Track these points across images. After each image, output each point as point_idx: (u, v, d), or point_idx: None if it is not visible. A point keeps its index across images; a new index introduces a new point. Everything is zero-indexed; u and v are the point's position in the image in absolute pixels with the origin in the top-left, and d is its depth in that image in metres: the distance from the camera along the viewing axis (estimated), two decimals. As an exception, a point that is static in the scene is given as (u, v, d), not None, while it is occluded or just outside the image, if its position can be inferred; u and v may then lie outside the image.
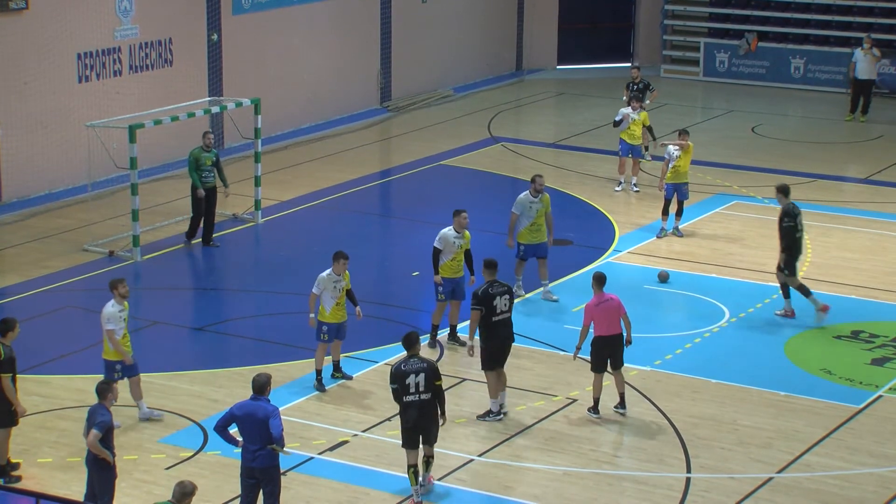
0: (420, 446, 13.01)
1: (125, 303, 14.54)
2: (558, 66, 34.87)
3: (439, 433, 13.19)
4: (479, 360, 15.22)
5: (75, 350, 16.87)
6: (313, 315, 15.48)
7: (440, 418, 13.04)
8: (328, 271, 15.53)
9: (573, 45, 35.03)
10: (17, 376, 13.56)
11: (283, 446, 11.96)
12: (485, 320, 14.69)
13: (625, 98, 25.97)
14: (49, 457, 13.99)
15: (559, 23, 34.81)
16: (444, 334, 16.99)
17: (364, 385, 15.81)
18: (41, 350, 16.52)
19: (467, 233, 16.84)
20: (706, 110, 31.10)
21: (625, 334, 14.87)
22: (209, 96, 25.17)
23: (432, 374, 12.79)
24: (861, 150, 27.31)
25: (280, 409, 12.26)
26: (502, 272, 15.42)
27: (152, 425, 14.69)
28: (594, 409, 14.98)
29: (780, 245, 17.79)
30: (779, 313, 17.89)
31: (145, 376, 15.83)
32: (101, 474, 12.03)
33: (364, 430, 14.65)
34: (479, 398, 15.41)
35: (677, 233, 21.00)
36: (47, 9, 22.91)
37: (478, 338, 14.91)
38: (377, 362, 16.44)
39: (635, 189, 23.54)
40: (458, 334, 16.84)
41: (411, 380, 12.73)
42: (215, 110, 22.41)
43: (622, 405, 15.05)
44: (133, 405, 14.95)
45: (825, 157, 26.53)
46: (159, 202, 22.76)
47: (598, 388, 14.96)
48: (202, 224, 20.55)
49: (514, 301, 15.42)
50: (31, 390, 15.12)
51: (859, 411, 15.27)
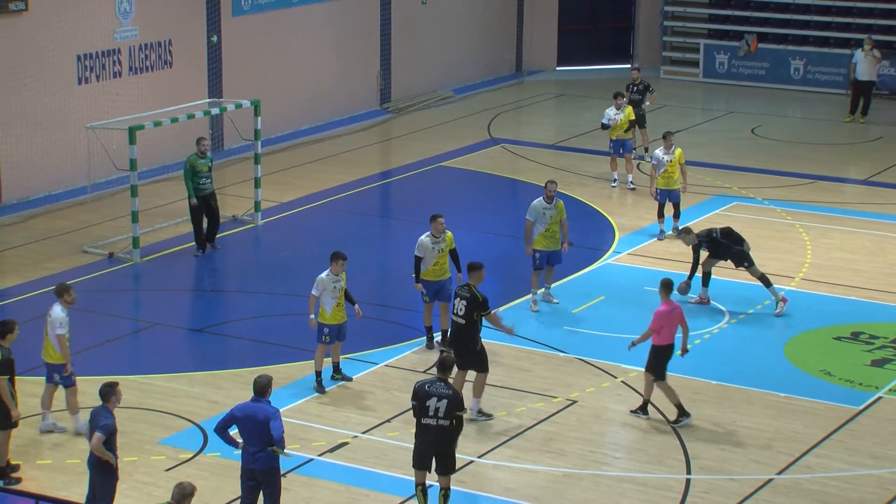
0: (431, 471, 12.63)
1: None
2: (558, 68, 34.89)
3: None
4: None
5: (75, 352, 16.82)
6: (313, 316, 15.50)
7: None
8: (326, 272, 15.56)
9: (573, 47, 35.05)
10: (17, 378, 13.56)
11: (283, 448, 11.96)
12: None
13: (624, 100, 25.92)
14: (49, 458, 14.00)
15: (559, 24, 34.83)
16: (424, 343, 16.94)
17: (363, 387, 15.82)
18: (38, 353, 16.49)
19: (449, 234, 16.63)
20: (706, 111, 31.11)
21: (680, 343, 14.86)
22: (209, 98, 25.19)
23: (455, 403, 12.34)
24: (861, 152, 27.32)
25: (280, 410, 12.26)
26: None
27: (152, 427, 14.69)
28: (682, 414, 14.84)
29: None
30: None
31: (145, 377, 15.85)
32: (103, 477, 12.03)
33: (364, 432, 14.66)
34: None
35: (677, 234, 20.92)
36: (47, 10, 22.92)
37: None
38: (377, 364, 16.44)
39: (632, 186, 23.49)
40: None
41: (432, 403, 12.33)
42: (215, 112, 22.42)
43: (644, 411, 15.00)
44: (128, 407, 14.95)
45: (825, 158, 26.54)
46: (159, 204, 22.76)
47: (672, 393, 14.87)
48: (206, 226, 20.47)
49: (489, 310, 14.87)
50: (30, 392, 15.12)
51: (859, 412, 15.28)
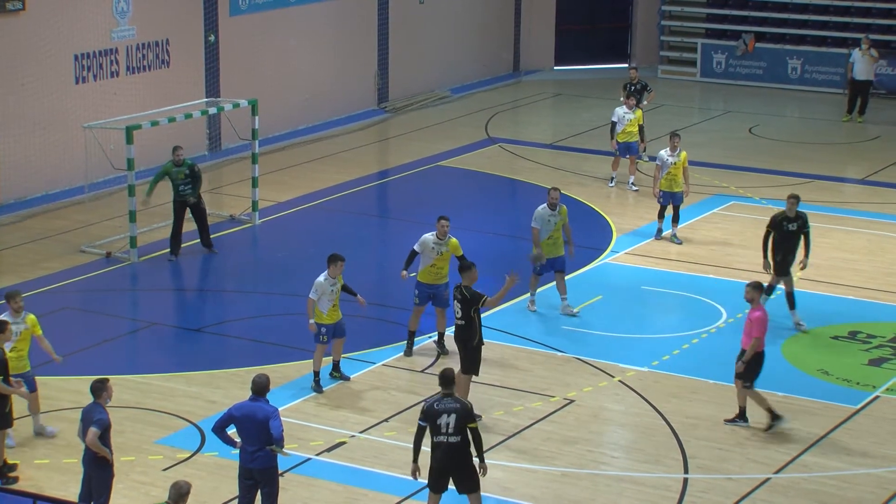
0: (444, 491, 12.24)
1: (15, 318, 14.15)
2: (556, 67, 34.89)
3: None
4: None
5: (72, 351, 16.85)
6: (312, 321, 15.46)
7: (479, 468, 12.17)
8: (324, 275, 15.54)
9: (570, 46, 35.05)
10: (12, 379, 13.56)
11: (282, 447, 11.96)
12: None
13: (622, 99, 25.93)
14: (46, 458, 13.99)
15: (556, 23, 34.82)
16: (425, 341, 16.92)
17: (361, 386, 15.82)
18: (38, 351, 16.48)
19: (453, 240, 16.43)
20: (703, 111, 31.12)
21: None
22: (206, 97, 25.18)
23: (464, 415, 12.01)
24: (859, 151, 27.33)
25: (278, 409, 12.25)
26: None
27: (149, 427, 14.69)
28: (774, 418, 14.69)
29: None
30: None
31: (143, 377, 15.84)
32: (100, 473, 12.04)
33: (362, 431, 14.66)
34: (477, 398, 15.40)
35: (675, 240, 20.78)
36: (44, 10, 22.90)
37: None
38: (374, 363, 16.44)
39: (634, 188, 23.50)
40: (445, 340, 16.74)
41: (442, 420, 11.99)
42: (212, 111, 22.40)
43: (743, 418, 14.82)
44: (125, 406, 14.96)
45: (823, 157, 26.55)
46: (156, 203, 22.70)
47: (763, 399, 14.77)
48: (194, 233, 20.44)
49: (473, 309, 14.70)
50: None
51: (857, 412, 15.29)
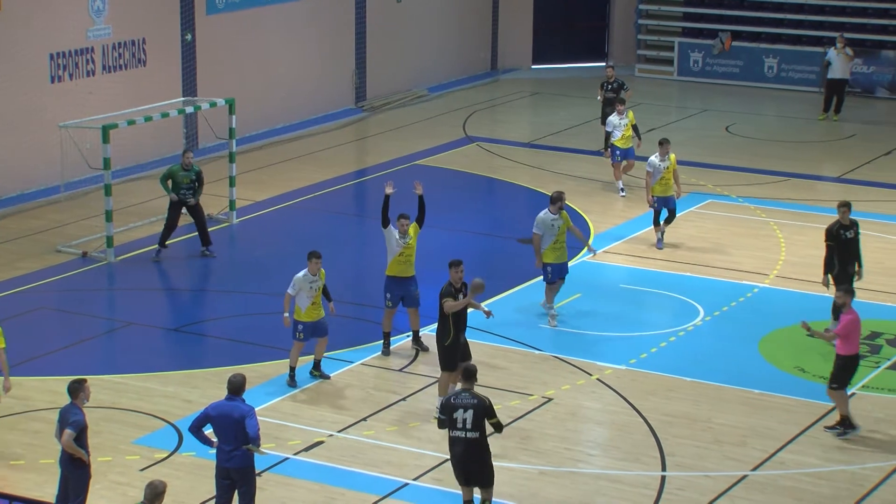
0: (471, 485, 12.34)
1: None
2: (533, 66, 34.91)
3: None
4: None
5: (48, 352, 16.79)
6: (287, 314, 15.47)
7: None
8: (304, 272, 15.54)
9: (548, 45, 35.07)
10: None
11: (258, 446, 11.92)
12: (443, 318, 14.58)
13: (599, 98, 25.97)
14: (22, 459, 13.91)
15: (534, 22, 34.84)
16: (403, 340, 16.91)
17: (339, 385, 15.79)
18: (13, 351, 16.34)
19: (413, 226, 16.58)
20: (680, 109, 31.19)
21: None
22: (183, 96, 25.09)
23: (482, 411, 12.02)
24: (834, 149, 27.45)
25: (255, 409, 12.21)
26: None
27: (126, 427, 14.62)
28: (848, 427, 14.54)
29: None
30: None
31: (120, 377, 15.77)
32: (76, 473, 11.98)
33: (340, 431, 14.63)
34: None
35: (658, 244, 20.54)
36: (19, 8, 22.78)
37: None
38: (352, 362, 16.41)
39: (622, 194, 23.17)
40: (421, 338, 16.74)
41: (459, 414, 12.02)
42: (189, 110, 22.33)
43: (851, 426, 14.62)
44: (102, 406, 14.89)
45: (799, 156, 26.65)
46: (133, 203, 22.66)
47: (845, 403, 14.60)
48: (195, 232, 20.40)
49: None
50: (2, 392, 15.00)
51: (833, 409, 15.33)
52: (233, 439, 11.88)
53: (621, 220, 22.19)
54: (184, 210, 20.09)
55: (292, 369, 15.69)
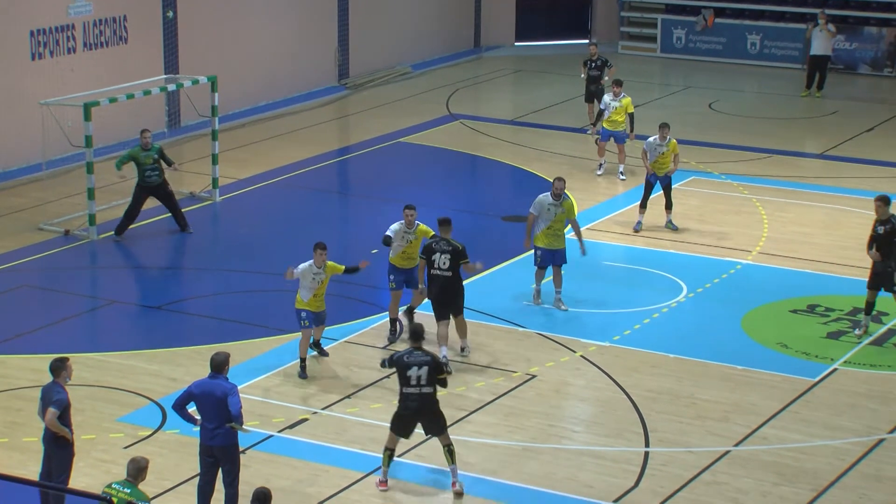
0: (408, 437, 12.90)
1: None
2: (516, 43, 34.83)
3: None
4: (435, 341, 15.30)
5: (31, 330, 16.73)
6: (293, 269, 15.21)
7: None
8: (309, 263, 15.10)
9: (531, 22, 34.98)
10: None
11: (241, 424, 11.92)
12: (427, 272, 15.68)
13: (582, 76, 25.87)
14: (5, 437, 13.88)
15: (517, -1, 34.79)
16: (385, 319, 16.88)
17: (324, 363, 15.78)
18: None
19: (422, 226, 16.34)
20: (663, 86, 31.19)
21: None
22: (165, 74, 24.96)
23: (435, 368, 12.68)
24: (817, 126, 27.49)
25: (239, 387, 12.21)
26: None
27: (110, 405, 14.60)
28: None
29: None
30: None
31: (103, 355, 15.74)
32: (60, 452, 11.95)
33: (324, 408, 14.63)
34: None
35: (671, 226, 20.34)
36: (-1, -15, 22.62)
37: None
38: (336, 340, 16.40)
39: (622, 177, 22.90)
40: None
41: (413, 372, 12.60)
42: (171, 88, 22.22)
43: None
44: (85, 385, 14.87)
45: (781, 132, 26.68)
46: (115, 181, 22.53)
47: None
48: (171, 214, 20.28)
49: (463, 263, 15.67)
50: (-14, 371, 14.99)
51: (815, 384, 15.41)
52: (216, 417, 11.87)
53: (604, 197, 22.20)
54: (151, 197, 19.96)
55: (302, 360, 15.35)
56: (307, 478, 13.18)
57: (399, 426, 12.84)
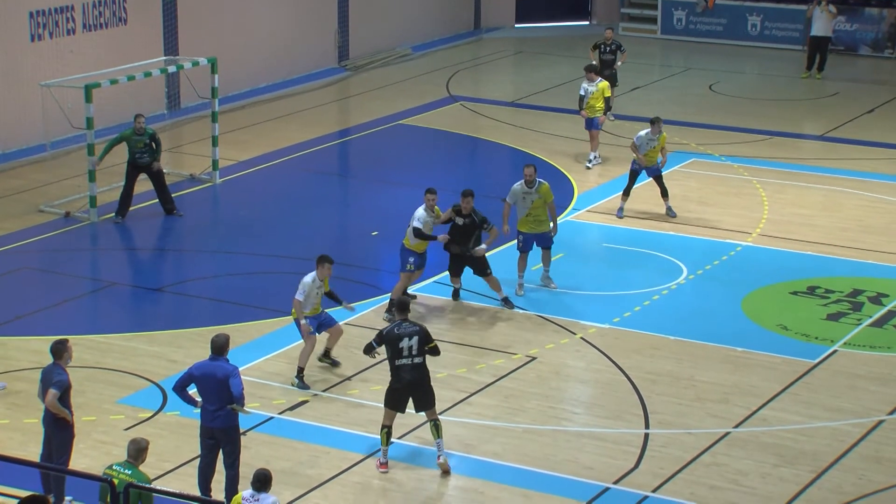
0: (404, 412, 12.92)
1: None
2: (517, 25, 34.72)
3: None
4: (438, 321, 15.23)
5: (31, 312, 16.73)
6: (305, 321, 14.53)
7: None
8: (313, 276, 14.58)
9: (531, 4, 34.86)
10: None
11: (243, 406, 11.92)
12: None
13: (594, 61, 25.44)
14: (6, 418, 13.89)
15: (517, -20, 34.67)
16: (385, 301, 16.90)
17: (322, 345, 15.73)
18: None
19: (437, 209, 16.47)
20: (664, 68, 31.12)
21: None
22: (165, 55, 24.89)
23: (425, 337, 12.82)
24: (817, 108, 27.44)
25: (240, 368, 12.21)
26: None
27: (110, 387, 14.61)
28: None
29: None
30: None
31: (103, 337, 15.74)
32: (60, 434, 11.96)
33: (324, 390, 14.64)
34: (439, 358, 15.41)
35: (671, 212, 20.12)
36: (-2, -34, 22.54)
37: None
38: (337, 322, 16.36)
39: (592, 163, 22.56)
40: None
41: (405, 343, 12.71)
42: (171, 70, 22.16)
43: None
44: (86, 366, 14.88)
45: (782, 114, 26.63)
46: (116, 162, 22.45)
47: None
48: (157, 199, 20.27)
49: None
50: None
51: (814, 366, 15.41)
52: (217, 399, 11.87)
53: (605, 178, 22.17)
54: (142, 177, 19.95)
55: (300, 370, 14.63)
56: (308, 459, 13.19)
57: (393, 400, 12.86)
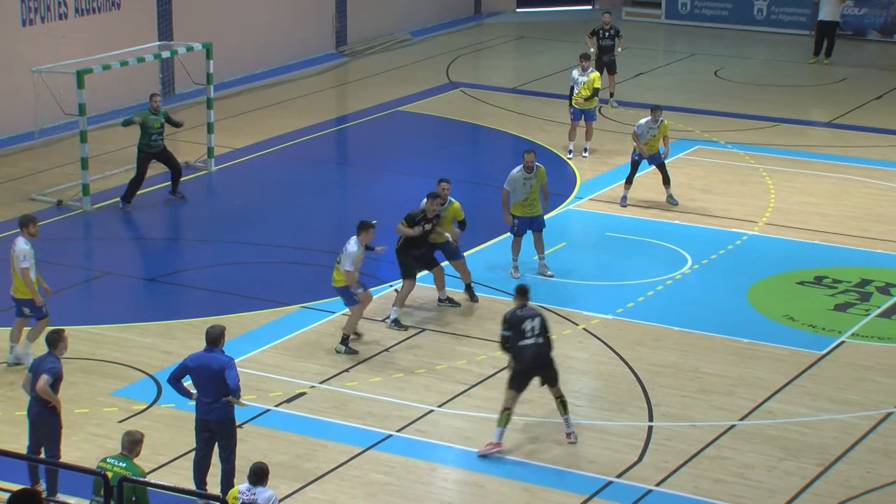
0: (524, 392, 13.37)
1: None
2: (518, 10, 34.68)
3: None
4: (436, 311, 15.28)
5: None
6: (361, 289, 15.12)
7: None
8: (355, 242, 15.07)
9: (533, -12, 34.84)
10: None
11: (239, 398, 11.93)
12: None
13: (593, 50, 25.39)
14: (-2, 412, 13.91)
15: (518, -36, 34.63)
16: (386, 290, 16.91)
17: (322, 336, 15.78)
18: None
19: (454, 203, 16.53)
20: (668, 53, 31.08)
21: None
22: (159, 40, 24.86)
23: (545, 320, 13.42)
24: (825, 94, 27.42)
25: (235, 360, 12.21)
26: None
27: (104, 378, 14.62)
28: None
29: None
30: None
31: (96, 328, 15.75)
32: (48, 421, 11.95)
33: (322, 382, 14.65)
34: (440, 347, 15.45)
35: (672, 200, 20.12)
36: (-11, -50, 22.50)
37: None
38: (334, 313, 16.39)
39: (585, 154, 22.42)
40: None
41: (527, 324, 13.29)
42: (165, 55, 22.14)
43: None
44: (79, 358, 14.88)
45: (789, 100, 26.61)
46: (109, 150, 22.53)
47: None
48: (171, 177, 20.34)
49: None
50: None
51: (821, 357, 15.42)
52: (212, 391, 11.88)
53: (607, 167, 22.16)
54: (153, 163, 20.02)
55: (346, 337, 15.22)
56: (305, 453, 13.20)
57: (518, 382, 13.28)
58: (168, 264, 18.44)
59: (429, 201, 16.15)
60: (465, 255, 16.85)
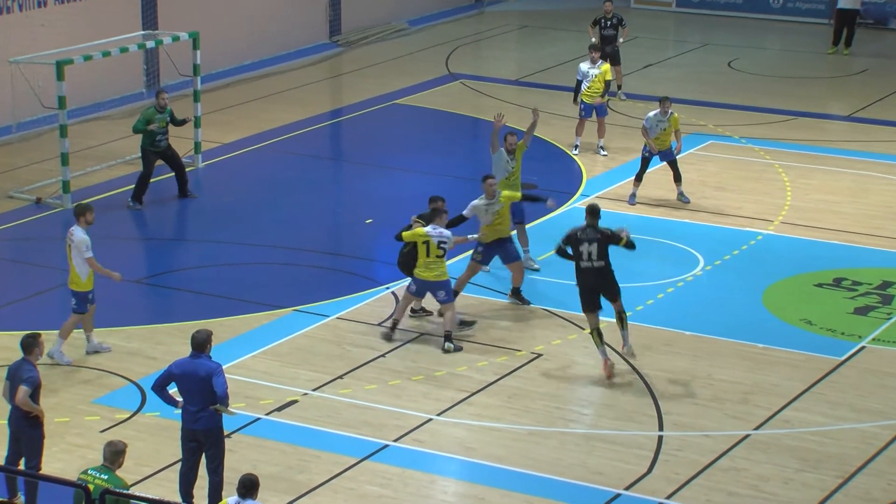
0: (600, 309, 14.73)
1: None
2: (521, -3, 34.78)
3: None
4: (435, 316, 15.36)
5: (0, 305, 16.73)
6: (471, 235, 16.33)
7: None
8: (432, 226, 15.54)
9: (536, -26, 34.89)
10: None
11: (227, 406, 11.92)
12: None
13: (593, 38, 25.42)
14: (-26, 420, 13.90)
15: (522, -50, 34.66)
16: (383, 293, 16.95)
17: (313, 341, 15.79)
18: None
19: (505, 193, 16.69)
20: (679, 44, 31.11)
21: None
22: (143, 29, 24.87)
23: (605, 240, 14.59)
24: (844, 86, 27.45)
25: (223, 366, 12.20)
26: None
27: (85, 386, 14.62)
28: None
29: None
30: None
31: (77, 333, 15.74)
32: (30, 432, 11.96)
33: (314, 389, 14.65)
34: (438, 353, 15.45)
35: (683, 198, 20.15)
36: (-36, -66, 22.51)
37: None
38: (328, 316, 16.40)
39: (603, 153, 22.47)
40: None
41: (584, 248, 14.54)
42: (150, 45, 22.15)
43: None
44: (57, 364, 14.89)
45: (806, 93, 26.65)
46: (91, 145, 22.55)
47: None
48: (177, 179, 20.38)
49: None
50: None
51: (841, 363, 15.43)
52: (199, 399, 11.87)
53: (616, 163, 22.18)
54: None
55: (395, 322, 15.85)
56: (297, 464, 13.21)
57: (587, 303, 14.73)
58: (153, 265, 18.45)
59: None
60: (465, 254, 16.84)
